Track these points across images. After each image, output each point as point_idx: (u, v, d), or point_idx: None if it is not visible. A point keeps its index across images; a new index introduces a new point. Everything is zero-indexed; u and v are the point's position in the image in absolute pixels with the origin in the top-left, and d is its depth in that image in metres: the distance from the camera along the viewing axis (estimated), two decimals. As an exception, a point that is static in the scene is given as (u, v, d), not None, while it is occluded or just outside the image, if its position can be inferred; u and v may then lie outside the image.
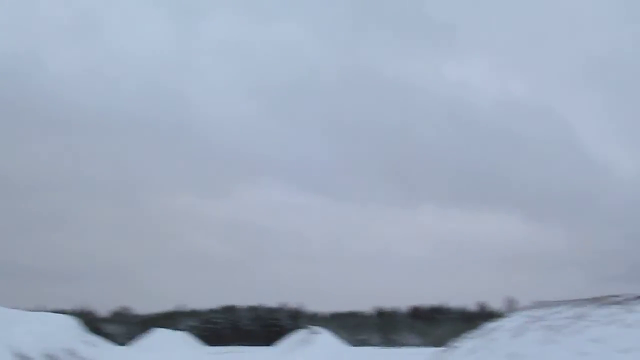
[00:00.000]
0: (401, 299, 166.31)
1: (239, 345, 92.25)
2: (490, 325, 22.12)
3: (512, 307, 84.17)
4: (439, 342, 73.26)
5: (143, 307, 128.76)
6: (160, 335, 71.20)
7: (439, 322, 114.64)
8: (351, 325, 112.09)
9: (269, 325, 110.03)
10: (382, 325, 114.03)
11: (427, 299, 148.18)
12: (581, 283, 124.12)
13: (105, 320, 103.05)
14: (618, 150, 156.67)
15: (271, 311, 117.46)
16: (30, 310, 46.40)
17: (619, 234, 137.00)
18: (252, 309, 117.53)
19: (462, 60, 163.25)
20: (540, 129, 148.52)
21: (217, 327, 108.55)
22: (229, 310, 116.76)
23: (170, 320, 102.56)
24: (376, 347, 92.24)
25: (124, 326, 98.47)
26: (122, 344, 73.84)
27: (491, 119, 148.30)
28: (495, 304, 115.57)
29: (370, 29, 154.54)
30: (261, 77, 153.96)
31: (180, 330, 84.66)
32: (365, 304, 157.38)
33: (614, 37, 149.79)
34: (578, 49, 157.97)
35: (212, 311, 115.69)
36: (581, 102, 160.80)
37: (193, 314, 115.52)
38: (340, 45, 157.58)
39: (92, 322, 78.67)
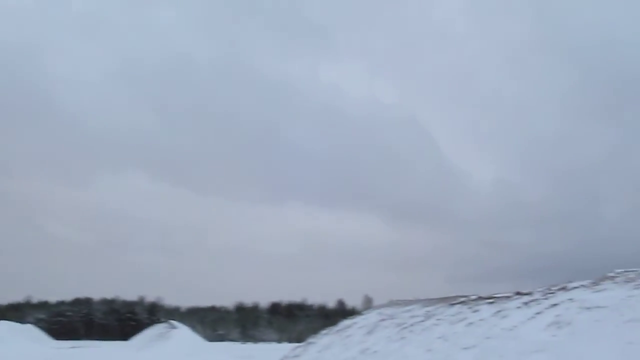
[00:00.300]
0: (262, 295, 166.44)
1: (92, 339, 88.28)
2: (346, 322, 22.67)
3: (368, 305, 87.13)
4: (297, 338, 74.21)
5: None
6: (3, 328, 66.22)
7: (299, 319, 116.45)
8: (210, 320, 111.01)
9: (125, 319, 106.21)
10: (242, 321, 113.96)
11: (289, 295, 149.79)
12: (436, 283, 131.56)
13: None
14: (475, 162, 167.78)
15: (128, 304, 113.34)
16: None
17: (472, 239, 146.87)
18: (108, 302, 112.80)
19: (336, 64, 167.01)
20: (406, 136, 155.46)
21: (68, 320, 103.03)
22: (83, 302, 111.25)
23: (17, 312, 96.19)
24: (235, 343, 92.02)
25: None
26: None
27: (361, 123, 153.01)
28: (354, 302, 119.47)
29: (248, 24, 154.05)
30: (130, 60, 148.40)
31: (27, 323, 79.41)
32: (225, 299, 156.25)
33: (480, 53, 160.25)
34: (445, 63, 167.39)
35: (63, 303, 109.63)
36: (444, 114, 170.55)
37: (42, 306, 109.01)
38: (215, 37, 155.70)
39: None
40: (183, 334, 61.65)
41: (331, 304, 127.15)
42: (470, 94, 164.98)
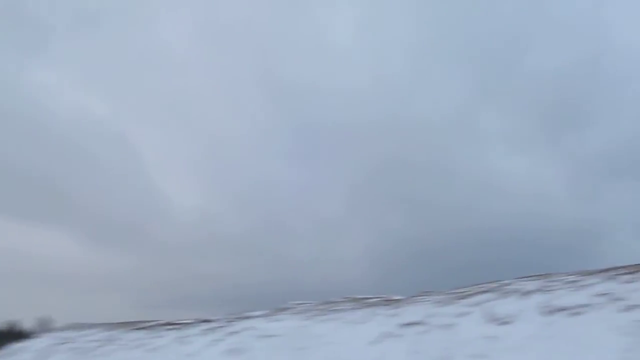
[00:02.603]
0: None
1: None
2: (16, 345, 20.75)
3: (45, 328, 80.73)
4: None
5: None
6: None
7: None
8: None
9: None
10: None
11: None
12: (124, 308, 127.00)
13: None
14: (180, 189, 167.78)
15: None
16: None
17: (167, 265, 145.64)
18: None
19: (50, 66, 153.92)
20: (114, 153, 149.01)
21: None
22: None
23: None
24: None
25: None
26: None
27: (67, 133, 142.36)
28: (28, 324, 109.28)
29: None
30: None
31: None
32: None
33: (199, 82, 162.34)
34: (163, 86, 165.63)
35: None
36: (155, 136, 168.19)
37: None
38: None
39: None
40: None
41: (0, 325, 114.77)
42: (183, 120, 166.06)
